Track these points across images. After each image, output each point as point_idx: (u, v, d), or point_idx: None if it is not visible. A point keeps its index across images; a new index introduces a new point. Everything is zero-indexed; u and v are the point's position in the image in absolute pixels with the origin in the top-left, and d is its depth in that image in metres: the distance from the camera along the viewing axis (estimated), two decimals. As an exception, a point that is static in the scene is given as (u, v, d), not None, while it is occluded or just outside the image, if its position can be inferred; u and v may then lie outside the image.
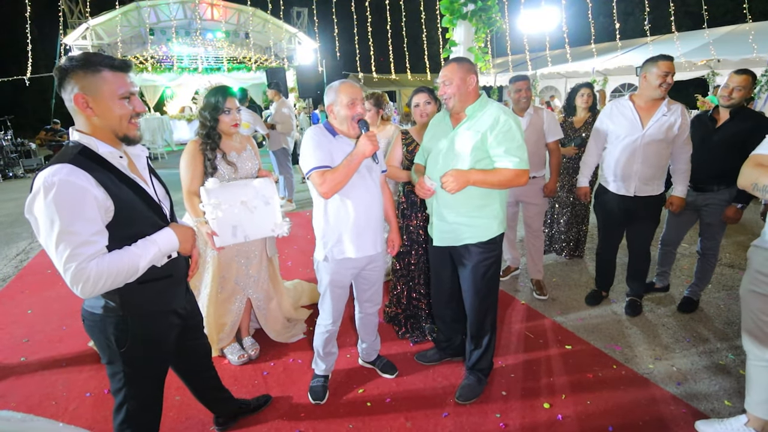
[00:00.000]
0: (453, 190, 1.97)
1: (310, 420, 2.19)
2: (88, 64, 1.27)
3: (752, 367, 1.92)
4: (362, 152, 1.93)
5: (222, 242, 2.17)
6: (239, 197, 2.16)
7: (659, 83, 2.62)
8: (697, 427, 2.08)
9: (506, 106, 3.40)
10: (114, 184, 1.31)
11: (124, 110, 1.34)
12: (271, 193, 2.25)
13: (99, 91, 1.29)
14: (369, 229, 2.12)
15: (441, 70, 2.11)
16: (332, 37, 11.03)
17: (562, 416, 2.18)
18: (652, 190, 2.80)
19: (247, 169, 2.50)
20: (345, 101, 1.98)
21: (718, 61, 9.30)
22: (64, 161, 1.24)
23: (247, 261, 2.60)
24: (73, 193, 1.20)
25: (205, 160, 2.35)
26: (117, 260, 1.29)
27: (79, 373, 2.58)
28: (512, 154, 1.99)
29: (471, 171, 2.01)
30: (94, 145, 1.31)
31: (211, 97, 2.35)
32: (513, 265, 3.85)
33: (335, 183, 1.92)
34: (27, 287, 3.86)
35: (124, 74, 1.34)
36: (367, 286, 2.32)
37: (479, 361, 2.35)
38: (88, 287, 1.23)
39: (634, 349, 2.73)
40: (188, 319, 1.67)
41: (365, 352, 2.57)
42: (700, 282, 3.17)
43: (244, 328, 2.78)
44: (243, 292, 2.63)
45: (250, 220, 2.19)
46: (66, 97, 1.29)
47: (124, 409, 1.50)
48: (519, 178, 2.02)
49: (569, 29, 9.63)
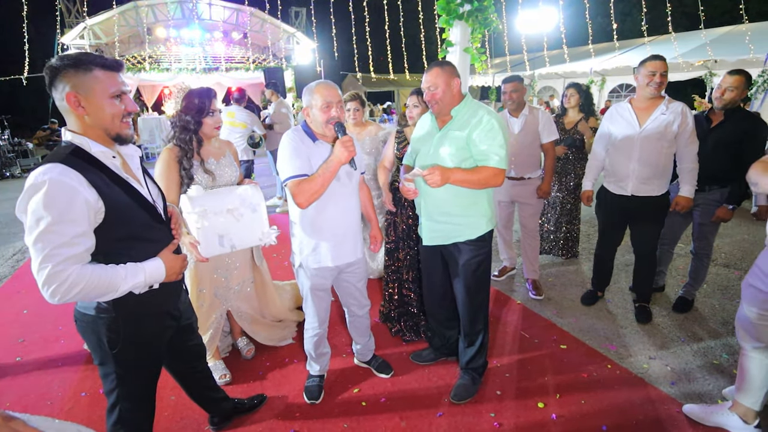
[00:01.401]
0: (435, 184, 1.96)
1: (305, 420, 2.20)
2: (80, 63, 1.26)
3: (741, 356, 2.03)
4: (338, 159, 1.83)
5: (208, 252, 2.03)
6: (225, 205, 2.05)
7: (647, 82, 2.66)
8: (684, 410, 2.17)
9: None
10: (106, 184, 1.30)
11: (115, 109, 1.33)
12: (258, 200, 2.15)
13: (91, 90, 1.28)
14: (348, 237, 2.09)
15: (425, 75, 2.11)
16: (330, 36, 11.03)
17: (557, 416, 2.18)
18: (652, 190, 2.79)
19: (226, 177, 2.34)
20: (319, 103, 1.90)
21: (715, 62, 9.32)
22: (56, 161, 1.23)
23: (227, 273, 2.46)
24: (63, 193, 1.20)
25: (180, 170, 2.18)
26: (100, 274, 1.26)
27: (75, 373, 2.58)
28: (493, 152, 2.00)
29: (453, 169, 2.03)
30: (86, 144, 1.31)
31: (194, 99, 2.20)
32: (509, 265, 3.86)
33: (311, 193, 1.85)
34: (23, 287, 3.85)
35: (115, 73, 1.33)
36: (350, 290, 2.30)
37: (473, 360, 2.36)
38: (61, 291, 1.20)
39: (629, 348, 2.74)
40: (182, 319, 1.67)
41: (360, 353, 2.58)
42: (695, 282, 3.18)
43: (237, 331, 2.75)
44: (222, 305, 2.50)
45: (237, 229, 2.08)
46: (57, 96, 1.29)
47: (117, 409, 1.50)
48: (496, 177, 2.02)
49: (567, 29, 9.66)
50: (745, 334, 1.95)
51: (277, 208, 6.24)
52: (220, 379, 2.42)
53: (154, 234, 1.46)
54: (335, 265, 2.10)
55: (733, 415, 2.03)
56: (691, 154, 2.71)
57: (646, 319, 3.04)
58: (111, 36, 11.61)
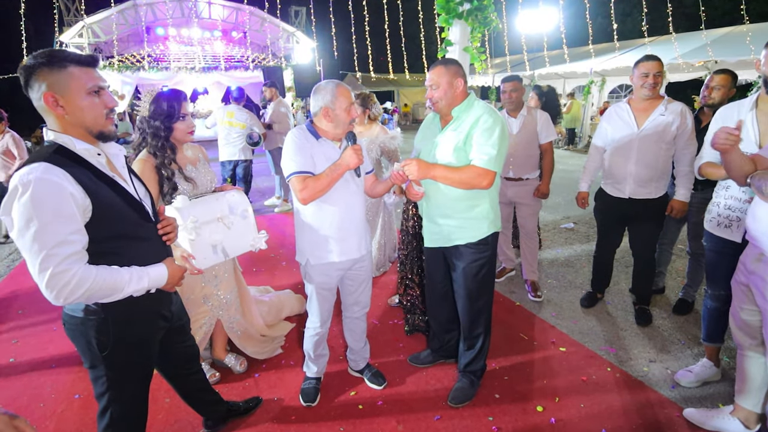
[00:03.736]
0: (412, 175, 1.98)
1: (301, 422, 2.17)
2: (53, 60, 1.23)
3: (738, 358, 2.03)
4: (346, 164, 1.92)
5: (204, 264, 1.95)
6: (215, 213, 1.98)
7: (641, 84, 2.65)
8: (685, 415, 2.15)
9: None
10: (92, 181, 1.27)
11: (95, 106, 1.30)
12: (246, 206, 2.13)
13: (67, 88, 1.25)
14: (352, 232, 2.09)
15: (428, 73, 2.08)
16: (330, 36, 10.98)
17: (555, 419, 2.16)
18: (650, 193, 2.76)
19: (206, 182, 2.27)
20: (344, 105, 1.94)
21: (715, 62, 9.27)
22: (39, 160, 1.20)
23: (216, 280, 2.39)
24: (50, 191, 1.17)
25: (161, 180, 2.07)
26: (105, 276, 1.26)
27: (68, 375, 2.55)
28: (482, 151, 1.96)
29: (434, 165, 2.02)
30: (70, 143, 1.28)
31: (162, 103, 2.08)
32: (508, 266, 3.83)
33: (316, 191, 1.91)
34: (18, 288, 3.82)
35: (91, 69, 1.29)
36: (353, 288, 2.28)
37: (472, 363, 2.33)
38: (65, 293, 1.19)
39: (629, 351, 2.72)
40: (174, 321, 1.64)
41: (353, 362, 2.52)
42: (693, 283, 3.17)
43: (221, 348, 2.55)
44: (211, 313, 2.41)
45: (229, 237, 2.04)
46: (34, 96, 1.25)
47: (109, 413, 1.48)
48: (481, 178, 1.96)
49: (567, 30, 9.61)
50: (739, 332, 1.97)
51: (276, 207, 6.21)
52: (210, 378, 2.39)
53: (144, 232, 1.44)
54: (341, 260, 2.09)
55: (734, 419, 2.01)
56: (689, 156, 2.66)
57: (646, 321, 3.01)
58: (110, 35, 11.56)
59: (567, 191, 6.76)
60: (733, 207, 2.13)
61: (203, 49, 13.12)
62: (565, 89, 13.98)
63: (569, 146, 12.70)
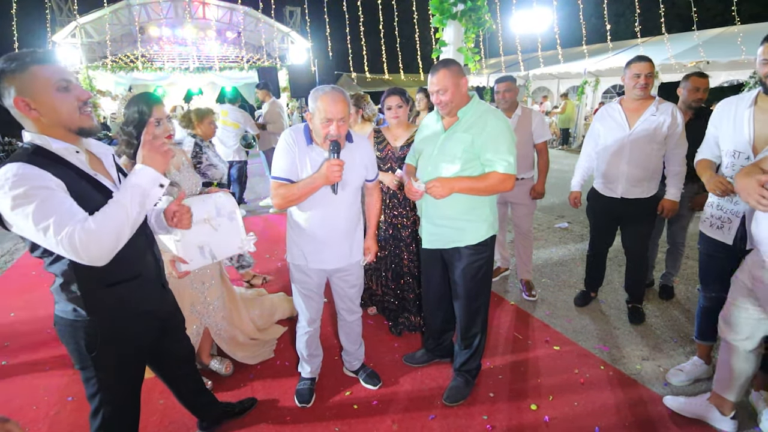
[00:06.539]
0: (439, 196, 1.99)
1: (296, 423, 2.17)
2: (14, 61, 1.18)
3: (721, 350, 2.08)
4: (323, 178, 1.82)
5: (191, 266, 1.96)
6: (201, 214, 1.96)
7: (633, 85, 2.67)
8: (665, 401, 2.22)
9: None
10: (73, 180, 1.24)
11: (67, 102, 1.25)
12: (233, 207, 2.11)
13: (35, 89, 1.20)
14: (330, 244, 2.04)
15: (431, 77, 2.05)
16: (325, 36, 10.97)
17: (549, 418, 2.17)
18: (641, 192, 2.79)
19: (191, 185, 2.25)
20: (321, 116, 1.80)
21: (707, 63, 9.36)
22: (16, 161, 1.17)
23: (203, 286, 2.37)
24: (35, 178, 1.15)
25: None
26: (106, 210, 1.22)
27: (61, 378, 2.54)
28: (501, 158, 1.98)
29: (457, 179, 2.02)
30: (47, 143, 1.25)
31: (133, 108, 1.98)
32: (503, 266, 3.85)
33: (286, 200, 1.89)
34: (10, 289, 3.79)
35: (52, 65, 1.24)
36: (342, 293, 2.27)
37: (467, 362, 2.34)
38: (93, 244, 1.15)
39: (622, 349, 2.74)
40: (167, 320, 1.64)
41: (348, 362, 2.52)
42: (672, 270, 3.38)
43: (206, 354, 2.52)
44: (200, 320, 2.39)
45: (216, 239, 2.02)
46: (6, 103, 1.21)
47: (100, 414, 1.47)
48: (505, 183, 2.00)
49: (561, 30, 9.67)
50: (725, 325, 1.99)
51: (271, 208, 6.20)
52: None
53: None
54: (318, 268, 2.09)
55: (711, 406, 2.07)
56: (680, 156, 2.71)
57: (639, 320, 3.04)
58: (103, 35, 11.48)
59: (561, 191, 6.79)
60: (724, 208, 2.15)
61: (197, 50, 13.07)
62: (559, 89, 14.07)
63: (563, 146, 12.77)
